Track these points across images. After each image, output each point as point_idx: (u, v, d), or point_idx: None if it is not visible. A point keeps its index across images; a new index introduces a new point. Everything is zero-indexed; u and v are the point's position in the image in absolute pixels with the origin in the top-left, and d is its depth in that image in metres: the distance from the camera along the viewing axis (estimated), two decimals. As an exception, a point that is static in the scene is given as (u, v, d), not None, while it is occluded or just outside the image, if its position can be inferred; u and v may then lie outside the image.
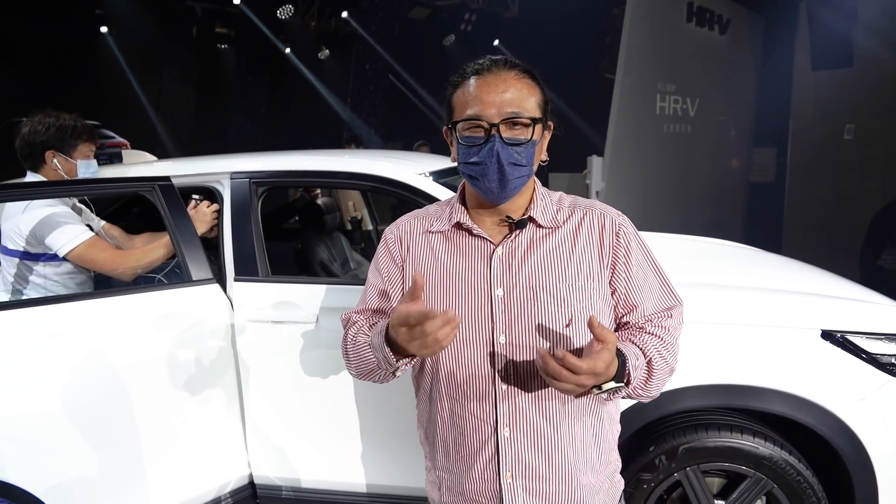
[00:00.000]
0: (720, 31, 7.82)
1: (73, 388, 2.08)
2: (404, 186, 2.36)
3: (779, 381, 2.04)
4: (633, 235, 1.33)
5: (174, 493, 2.26)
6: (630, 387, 1.21)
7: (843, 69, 7.21)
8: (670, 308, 1.34)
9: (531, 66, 1.29)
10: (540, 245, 1.28)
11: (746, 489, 2.10)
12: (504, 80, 1.22)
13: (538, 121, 1.23)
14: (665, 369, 1.27)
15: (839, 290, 2.36)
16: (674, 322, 1.33)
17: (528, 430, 1.26)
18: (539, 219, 1.29)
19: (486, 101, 1.21)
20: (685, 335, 1.40)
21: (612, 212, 1.35)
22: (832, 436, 2.03)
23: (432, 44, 12.34)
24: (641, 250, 1.33)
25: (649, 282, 1.33)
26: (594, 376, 1.10)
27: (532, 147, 1.23)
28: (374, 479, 2.36)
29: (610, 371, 1.13)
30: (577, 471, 1.29)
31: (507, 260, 1.28)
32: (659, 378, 1.26)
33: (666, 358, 1.28)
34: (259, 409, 2.37)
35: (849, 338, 2.05)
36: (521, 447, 1.27)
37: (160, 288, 2.35)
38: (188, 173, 2.55)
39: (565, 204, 1.35)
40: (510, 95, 1.21)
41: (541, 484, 1.28)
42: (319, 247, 3.33)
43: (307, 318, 2.29)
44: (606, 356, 1.11)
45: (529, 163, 1.24)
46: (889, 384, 2.04)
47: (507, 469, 1.28)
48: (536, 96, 1.25)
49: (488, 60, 1.27)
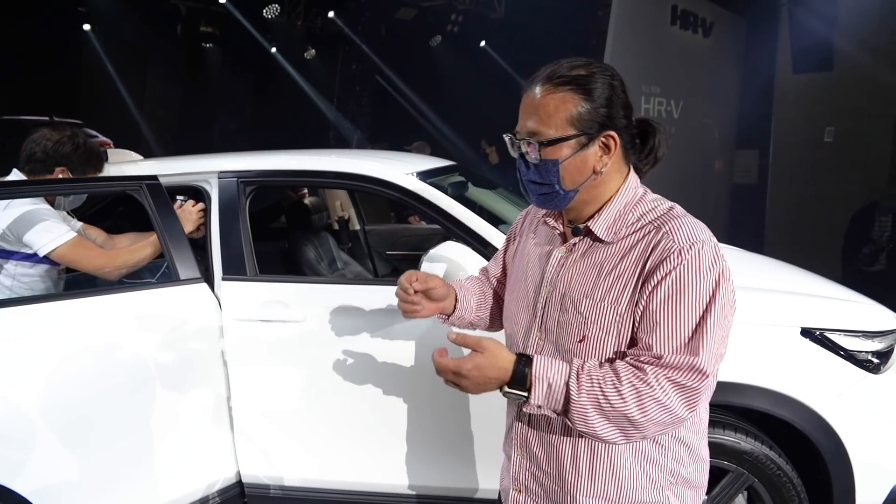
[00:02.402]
0: (704, 34, 7.91)
1: (59, 387, 2.07)
2: (392, 186, 2.38)
3: (760, 377, 2.08)
4: (685, 268, 1.13)
5: (162, 492, 2.26)
6: (536, 403, 1.15)
7: (824, 73, 7.33)
8: (665, 358, 1.12)
9: (588, 70, 1.21)
10: (589, 257, 1.26)
11: (728, 484, 2.14)
12: (532, 99, 1.21)
13: (550, 142, 1.19)
14: (594, 408, 1.11)
15: (818, 289, 2.41)
16: (660, 375, 1.11)
17: (538, 421, 1.31)
18: (596, 230, 1.24)
19: (519, 117, 1.24)
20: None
21: (685, 237, 1.16)
22: (811, 431, 2.07)
23: (419, 44, 12.34)
24: (685, 287, 1.13)
25: (669, 322, 1.13)
26: (464, 378, 1.17)
27: (552, 166, 1.20)
28: (361, 477, 2.37)
29: (496, 374, 1.16)
30: (576, 486, 1.27)
31: (561, 262, 1.30)
32: (584, 411, 1.12)
33: (607, 397, 1.10)
34: (247, 407, 2.37)
35: (827, 335, 2.10)
36: (531, 431, 1.33)
37: (147, 287, 2.34)
38: (175, 172, 2.55)
39: (644, 219, 1.23)
40: (532, 114, 1.21)
41: (538, 472, 1.33)
42: (307, 246, 3.33)
43: (295, 317, 2.30)
44: (478, 359, 1.16)
45: (550, 181, 1.21)
46: (865, 380, 2.09)
47: (517, 446, 1.36)
48: (570, 110, 1.18)
49: (538, 72, 1.24)
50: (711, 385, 1.16)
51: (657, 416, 1.11)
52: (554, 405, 1.15)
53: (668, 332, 1.13)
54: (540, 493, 1.33)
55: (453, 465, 2.31)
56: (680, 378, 1.11)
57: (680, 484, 1.28)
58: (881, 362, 2.14)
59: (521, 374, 1.15)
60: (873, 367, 2.12)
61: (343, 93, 11.67)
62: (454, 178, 2.86)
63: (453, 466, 2.31)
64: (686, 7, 7.58)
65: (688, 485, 1.30)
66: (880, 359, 2.14)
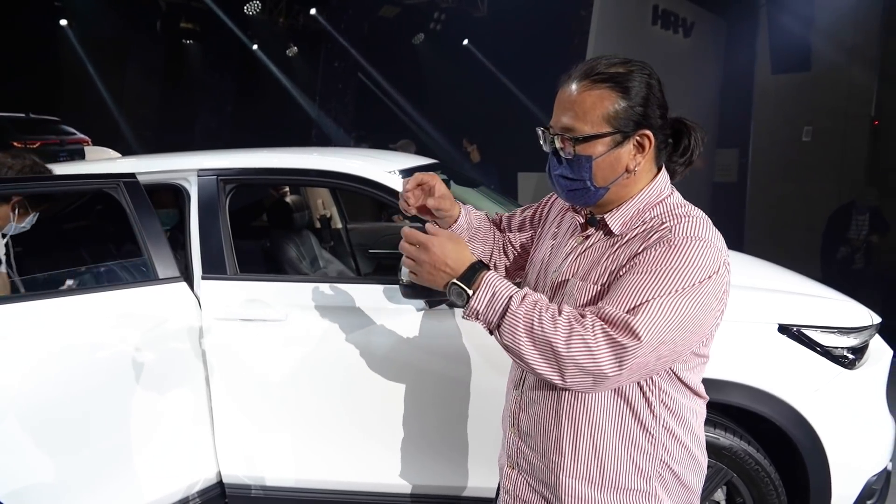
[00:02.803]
0: (684, 34, 7.99)
1: (36, 388, 2.04)
2: (374, 184, 2.37)
3: (738, 374, 2.10)
4: (667, 251, 1.13)
5: (142, 493, 2.23)
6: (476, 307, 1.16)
7: (802, 73, 7.43)
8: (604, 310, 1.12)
9: (627, 68, 1.20)
10: (597, 247, 1.27)
11: (707, 479, 2.15)
12: (569, 93, 1.21)
13: (587, 139, 1.18)
14: (525, 325, 1.12)
15: (796, 286, 2.44)
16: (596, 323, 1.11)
17: (530, 399, 1.33)
18: (611, 224, 1.25)
19: (554, 111, 1.24)
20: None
21: (683, 230, 1.16)
22: (788, 426, 2.10)
23: (402, 42, 12.32)
24: (659, 265, 1.12)
25: (625, 287, 1.13)
26: (427, 251, 1.19)
27: (585, 162, 1.20)
28: (343, 476, 2.37)
29: (454, 263, 1.18)
30: (560, 466, 1.27)
31: (573, 248, 1.32)
32: (515, 325, 1.12)
33: (542, 322, 1.11)
34: (228, 408, 2.35)
35: (804, 332, 2.13)
36: (521, 409, 1.35)
37: (126, 286, 2.31)
38: (154, 170, 2.52)
39: (652, 217, 1.23)
40: (568, 109, 1.21)
41: (527, 451, 1.34)
42: (288, 245, 3.31)
43: (276, 316, 2.29)
44: (448, 243, 1.19)
45: (583, 177, 1.21)
46: (841, 376, 2.12)
47: (510, 424, 1.39)
48: (607, 108, 1.18)
49: (576, 67, 1.24)
50: (646, 357, 1.10)
51: (580, 357, 1.09)
52: (491, 315, 1.15)
53: (622, 294, 1.13)
54: (529, 470, 1.34)
55: (435, 463, 2.31)
56: (613, 333, 1.09)
57: (670, 479, 1.27)
58: (856, 358, 2.18)
59: (472, 275, 1.17)
60: (849, 363, 2.15)
61: (325, 90, 11.61)
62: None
63: (435, 465, 2.31)
64: (667, 7, 7.65)
65: (679, 482, 1.29)
66: (855, 354, 2.18)
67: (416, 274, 1.23)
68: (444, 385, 2.26)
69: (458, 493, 2.31)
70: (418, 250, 1.21)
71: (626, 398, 1.23)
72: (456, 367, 2.21)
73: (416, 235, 1.22)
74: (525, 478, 1.35)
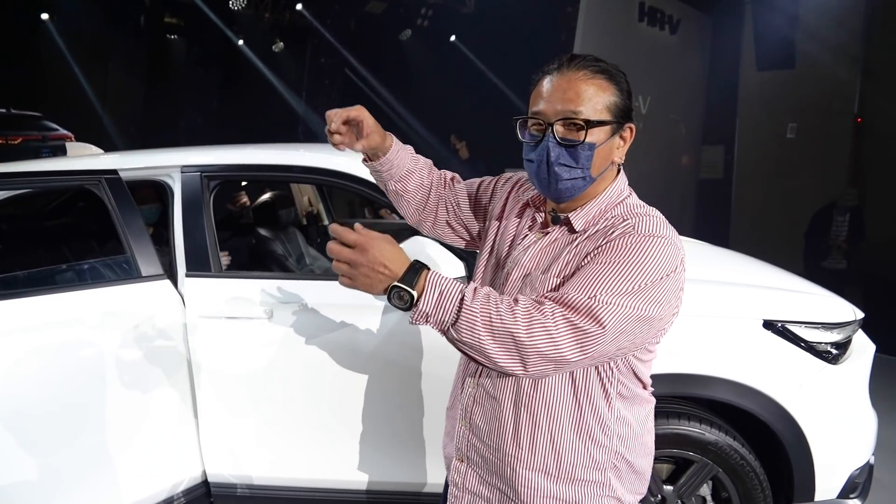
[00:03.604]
0: (670, 31, 8.03)
1: (17, 386, 2.01)
2: (360, 181, 2.35)
3: (723, 369, 2.12)
4: (627, 244, 1.15)
5: (126, 493, 2.21)
6: (424, 309, 1.11)
7: (786, 70, 7.50)
8: (565, 297, 1.11)
9: (614, 66, 1.23)
10: (558, 243, 1.27)
11: (693, 474, 2.17)
12: (569, 80, 1.20)
13: (595, 123, 1.18)
14: (483, 319, 1.09)
15: (780, 282, 2.46)
16: (556, 309, 1.10)
17: (486, 392, 1.32)
18: (575, 223, 1.26)
19: (548, 99, 1.21)
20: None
21: (644, 227, 1.17)
22: (773, 421, 2.12)
23: (389, 38, 12.28)
24: (618, 258, 1.13)
25: (586, 276, 1.14)
26: (364, 253, 1.11)
27: (588, 150, 1.19)
28: (329, 475, 2.35)
29: (393, 266, 1.11)
30: (517, 458, 1.28)
31: (532, 245, 1.30)
32: (473, 320, 1.10)
33: (500, 314, 1.09)
34: (213, 406, 2.33)
35: (788, 327, 2.15)
36: (474, 402, 1.34)
37: (108, 284, 2.28)
38: (136, 166, 2.49)
39: (614, 215, 1.24)
40: (571, 95, 1.19)
41: (479, 444, 1.34)
42: (274, 242, 3.29)
43: (261, 313, 2.27)
44: (384, 244, 1.12)
45: (584, 165, 1.20)
46: (825, 371, 2.14)
47: (461, 417, 1.37)
48: (607, 97, 1.20)
49: (567, 58, 1.23)
50: (607, 345, 1.11)
51: (542, 344, 1.08)
52: (442, 315, 1.10)
53: (583, 282, 1.12)
54: (480, 463, 1.34)
55: (423, 461, 2.31)
56: (575, 318, 1.09)
57: (624, 468, 1.30)
58: (839, 353, 2.20)
59: (413, 276, 1.11)
60: (832, 358, 2.17)
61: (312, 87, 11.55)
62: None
63: (423, 463, 2.31)
64: (653, 4, 7.68)
65: (632, 469, 1.31)
66: (839, 350, 2.20)
67: (350, 279, 1.14)
68: (430, 382, 2.25)
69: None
70: (353, 252, 1.12)
71: (586, 391, 1.24)
72: (442, 364, 2.21)
73: (349, 235, 1.13)
74: (476, 471, 1.35)
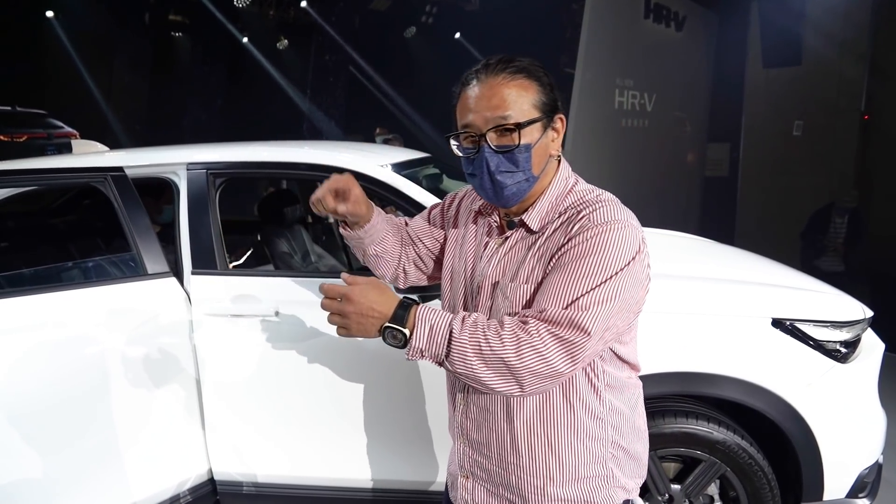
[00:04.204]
0: (676, 28, 7.99)
1: (23, 384, 2.01)
2: (365, 178, 2.34)
3: (732, 368, 2.10)
4: (591, 239, 1.15)
5: (132, 491, 2.21)
6: (418, 346, 1.14)
7: (793, 67, 7.45)
8: (547, 312, 1.13)
9: (530, 62, 1.23)
10: (519, 246, 1.28)
11: (701, 473, 2.16)
12: (491, 87, 1.20)
13: (525, 124, 1.18)
14: (472, 348, 1.11)
15: (789, 280, 2.44)
16: (541, 327, 1.11)
17: (477, 407, 1.32)
18: (530, 223, 1.26)
19: (474, 110, 1.20)
20: (642, 323, 1.33)
21: (601, 217, 1.18)
22: (782, 420, 2.10)
23: (393, 36, 12.27)
24: (586, 255, 1.15)
25: (562, 283, 1.14)
26: (351, 303, 1.15)
27: (525, 151, 1.20)
28: (335, 473, 2.35)
29: (381, 308, 1.15)
30: (519, 467, 1.28)
31: (494, 253, 1.30)
32: (463, 351, 1.12)
33: (489, 340, 1.11)
34: (219, 404, 2.33)
35: (797, 325, 2.13)
36: (468, 418, 1.34)
37: (114, 282, 2.28)
38: (142, 164, 2.48)
39: (574, 207, 1.24)
40: (497, 101, 1.19)
41: (481, 459, 1.33)
42: (280, 240, 3.28)
43: (267, 311, 2.26)
44: (369, 289, 1.16)
45: (524, 168, 1.21)
46: (834, 370, 2.13)
47: (458, 434, 1.37)
48: (532, 95, 1.20)
49: (482, 65, 1.23)
50: (595, 346, 1.14)
51: (534, 364, 1.10)
52: (436, 349, 1.14)
53: (557, 291, 1.14)
54: (485, 477, 1.34)
55: (430, 459, 2.30)
56: (560, 332, 1.11)
57: (622, 456, 1.31)
58: (849, 352, 2.18)
59: (403, 314, 1.15)
60: (841, 357, 2.15)
61: (316, 84, 11.55)
62: (429, 169, 2.83)
63: (430, 461, 2.30)
64: (659, 1, 7.64)
65: (629, 456, 1.33)
66: (848, 348, 2.18)
67: (345, 328, 1.18)
68: (436, 379, 2.24)
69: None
70: (341, 303, 1.16)
71: (574, 390, 1.25)
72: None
73: (335, 289, 1.17)
74: (483, 485, 1.35)
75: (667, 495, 2.21)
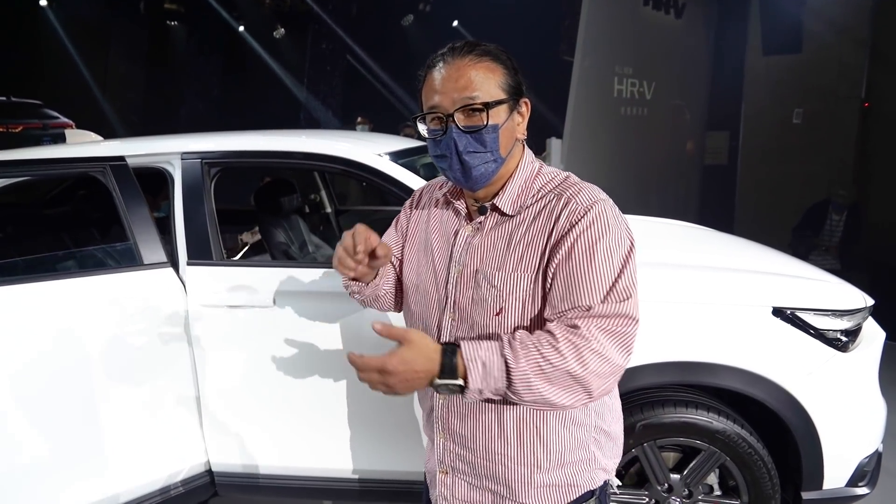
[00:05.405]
0: (676, 15, 7.92)
1: (17, 372, 2.01)
2: (362, 167, 2.32)
3: (732, 357, 2.09)
4: (593, 224, 1.17)
5: (127, 481, 2.20)
6: (476, 387, 1.10)
7: (792, 54, 7.40)
8: (594, 309, 1.13)
9: (494, 46, 1.24)
10: (497, 231, 1.26)
11: (701, 462, 2.16)
12: (458, 68, 1.20)
13: (493, 104, 1.19)
14: (535, 372, 1.09)
15: (789, 269, 2.43)
16: (592, 326, 1.12)
17: (456, 403, 1.30)
18: (503, 206, 1.26)
19: (441, 91, 1.20)
20: (641, 313, 1.25)
21: (586, 199, 1.20)
22: (782, 409, 2.10)
23: (391, 24, 12.18)
24: (598, 241, 1.16)
25: (590, 276, 1.15)
26: (391, 375, 1.09)
27: (492, 131, 1.20)
28: (333, 463, 2.34)
29: (425, 367, 1.10)
30: (507, 455, 1.27)
31: (468, 240, 1.29)
32: (526, 378, 1.09)
33: (546, 357, 1.09)
34: (215, 395, 2.32)
35: (798, 314, 2.12)
36: (451, 412, 1.32)
37: (110, 271, 2.26)
38: (136, 153, 2.45)
39: (545, 189, 1.25)
40: (464, 82, 1.19)
41: (464, 452, 1.32)
42: (277, 230, 3.26)
43: (263, 302, 2.25)
44: (404, 353, 1.09)
45: (492, 148, 1.20)
46: (834, 359, 2.12)
47: (439, 429, 1.35)
48: (498, 77, 1.21)
49: (447, 49, 1.24)
50: (638, 327, 1.17)
51: (597, 367, 1.11)
52: (494, 383, 1.10)
53: (591, 285, 1.14)
54: (466, 470, 1.32)
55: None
56: (611, 326, 1.13)
57: (603, 439, 1.33)
58: (849, 340, 2.17)
59: (451, 363, 1.10)
60: (842, 346, 2.14)
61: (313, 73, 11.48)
62: (426, 158, 2.81)
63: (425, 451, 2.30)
64: (658, -12, 7.58)
65: (609, 438, 1.35)
66: (848, 337, 2.17)
67: (394, 392, 1.11)
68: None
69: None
70: (381, 376, 1.10)
71: None
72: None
73: (369, 364, 1.10)
74: (463, 478, 1.33)
75: (666, 485, 2.20)
